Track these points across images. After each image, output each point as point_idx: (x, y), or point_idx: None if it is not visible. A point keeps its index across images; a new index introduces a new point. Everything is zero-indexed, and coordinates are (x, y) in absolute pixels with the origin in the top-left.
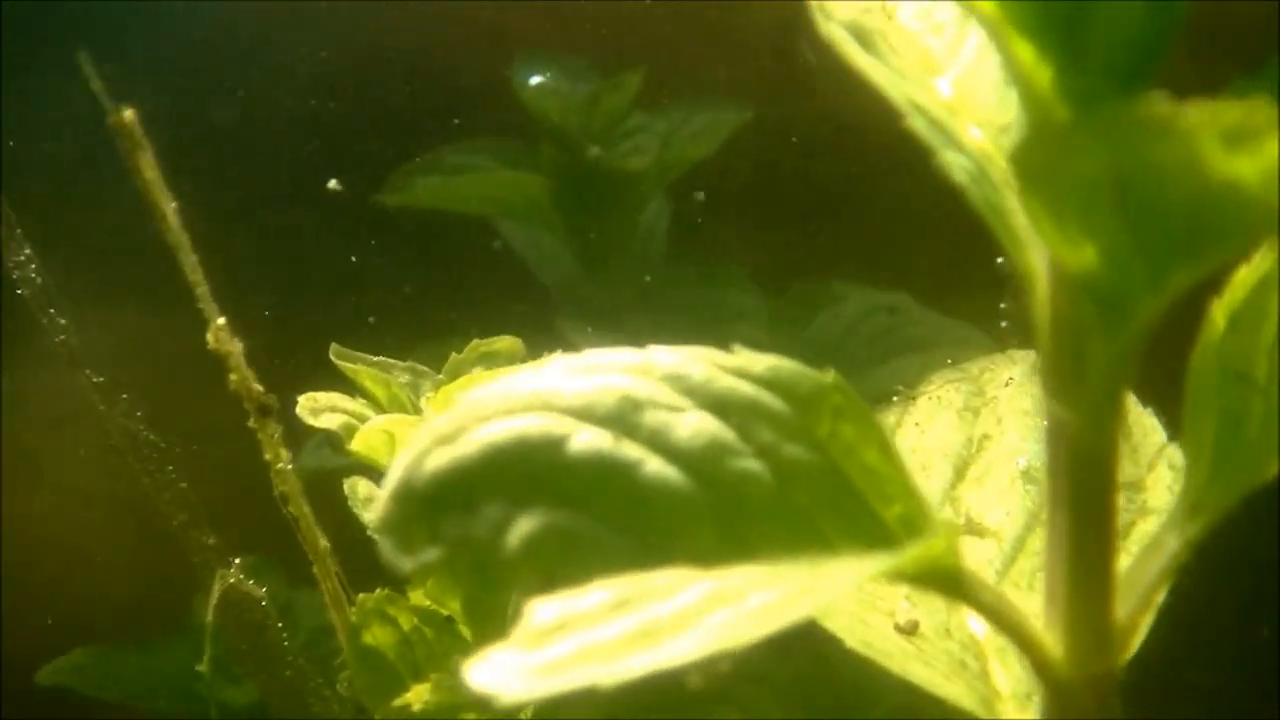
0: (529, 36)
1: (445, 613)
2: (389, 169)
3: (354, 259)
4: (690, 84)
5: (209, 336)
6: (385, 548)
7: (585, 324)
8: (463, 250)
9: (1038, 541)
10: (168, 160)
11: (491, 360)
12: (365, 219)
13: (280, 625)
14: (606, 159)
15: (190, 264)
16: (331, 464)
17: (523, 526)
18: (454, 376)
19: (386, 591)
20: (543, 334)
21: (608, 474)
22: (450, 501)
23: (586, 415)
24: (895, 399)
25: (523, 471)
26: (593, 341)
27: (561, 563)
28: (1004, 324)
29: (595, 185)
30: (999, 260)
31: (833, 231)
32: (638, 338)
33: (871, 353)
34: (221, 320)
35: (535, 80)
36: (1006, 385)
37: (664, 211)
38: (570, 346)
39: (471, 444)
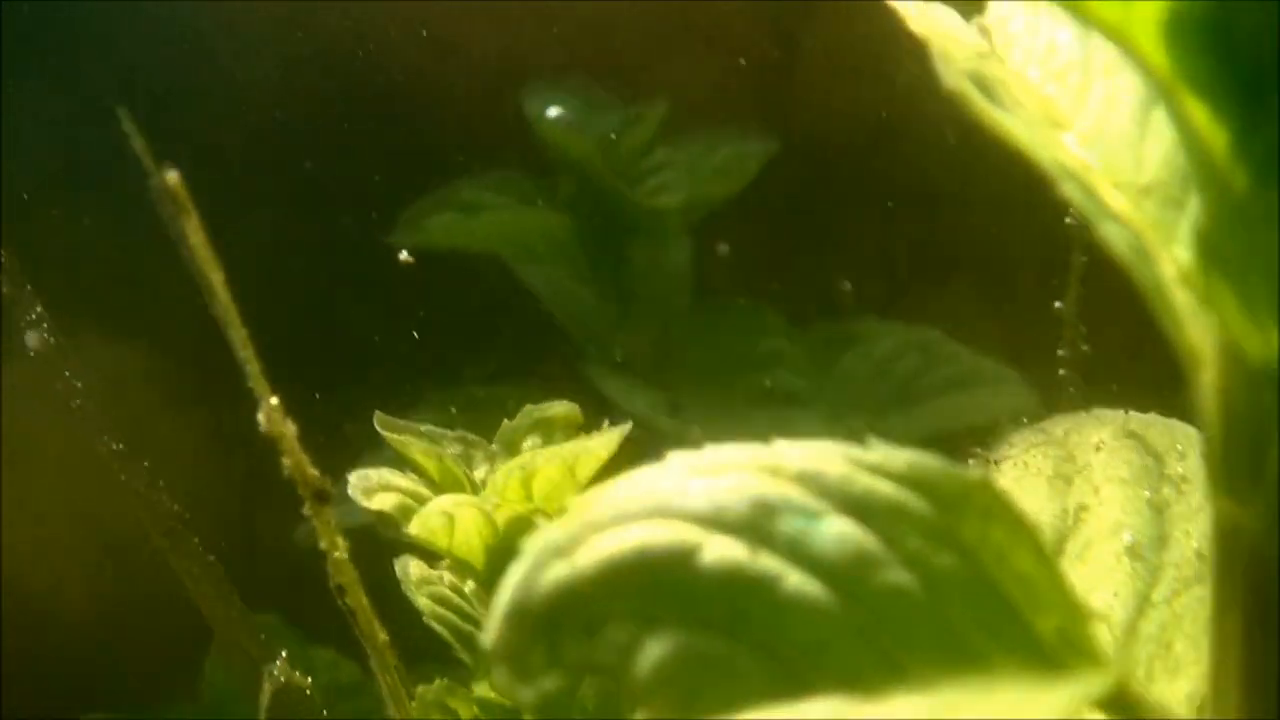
0: (540, 61)
1: (509, 703)
2: (397, 206)
3: (360, 298)
4: (703, 113)
5: (260, 417)
6: (500, 675)
7: (613, 371)
8: (477, 288)
9: (1150, 626)
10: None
11: (546, 428)
12: (370, 257)
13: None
14: (632, 197)
15: (240, 339)
16: (354, 521)
17: (652, 650)
18: (508, 447)
19: (446, 682)
20: (567, 379)
21: (744, 590)
22: (570, 622)
23: (716, 523)
24: (972, 461)
25: (649, 588)
26: (623, 390)
27: (699, 691)
28: (1061, 372)
29: (620, 224)
30: (1056, 304)
31: (857, 264)
32: (671, 384)
33: (904, 394)
34: (275, 400)
35: (553, 112)
36: (1098, 450)
37: (687, 248)
38: (599, 395)
39: (589, 557)
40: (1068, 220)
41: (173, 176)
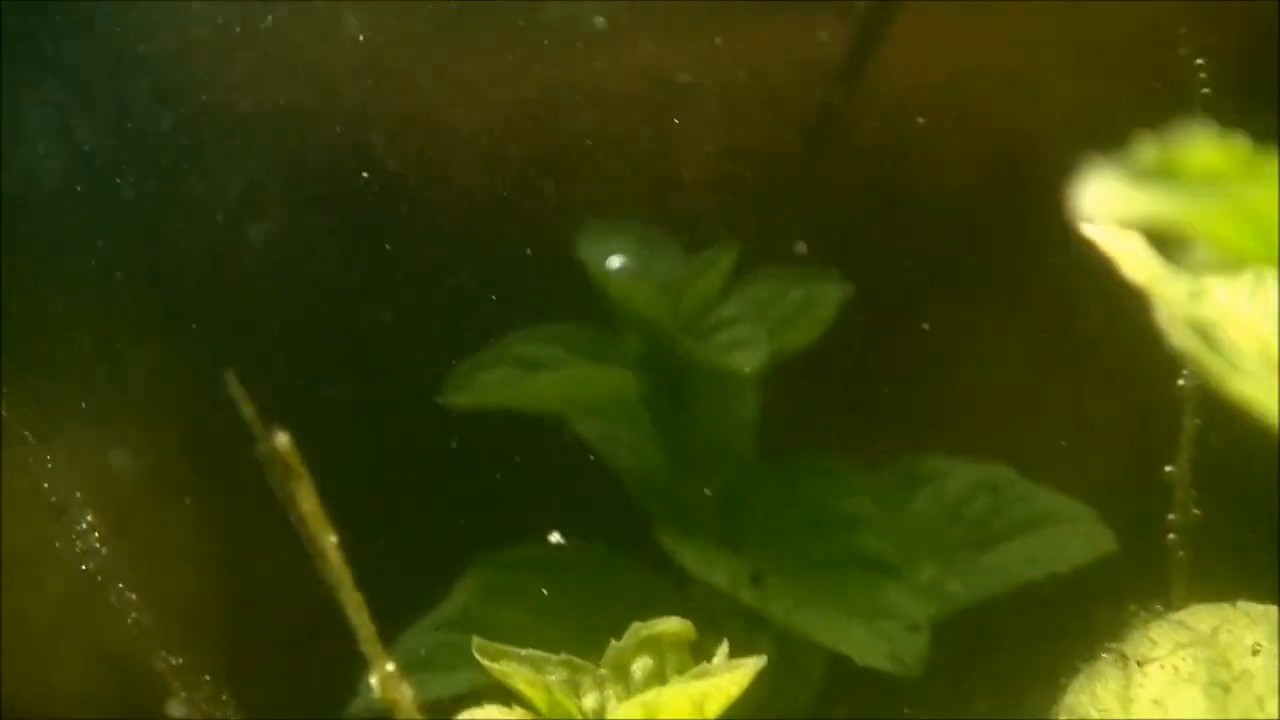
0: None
1: None
2: (445, 360)
3: (409, 455)
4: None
5: (373, 681)
6: None
7: (686, 537)
8: (530, 441)
9: None
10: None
11: (656, 648)
12: (419, 413)
13: None
14: (703, 355)
15: (354, 604)
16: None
17: None
18: (616, 670)
19: None
20: (631, 537)
21: None
22: None
23: None
24: (1105, 656)
25: None
26: (700, 560)
27: None
28: (1170, 536)
29: (686, 379)
30: (1167, 469)
31: (922, 399)
32: (744, 547)
33: (977, 537)
34: (391, 666)
35: (614, 262)
36: (1255, 654)
37: (755, 399)
38: (672, 562)
39: None
40: (1180, 381)
41: (283, 440)
